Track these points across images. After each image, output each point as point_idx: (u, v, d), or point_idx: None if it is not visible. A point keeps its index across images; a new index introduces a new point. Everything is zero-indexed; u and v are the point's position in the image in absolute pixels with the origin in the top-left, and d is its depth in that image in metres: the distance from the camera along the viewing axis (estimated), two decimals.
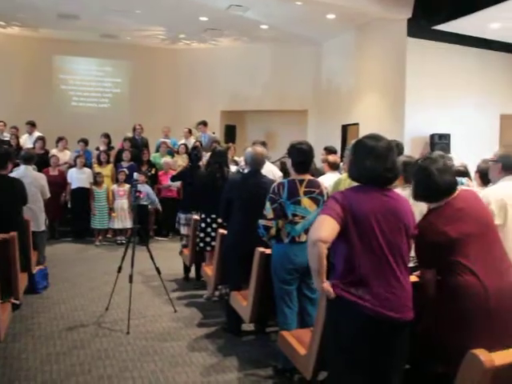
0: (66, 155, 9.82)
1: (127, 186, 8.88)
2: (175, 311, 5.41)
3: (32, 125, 10.33)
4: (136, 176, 5.71)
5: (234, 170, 6.88)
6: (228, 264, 4.79)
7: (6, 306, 4.28)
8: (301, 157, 3.87)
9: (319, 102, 13.54)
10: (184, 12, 11.12)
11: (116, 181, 9.19)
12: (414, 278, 3.00)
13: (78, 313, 5.36)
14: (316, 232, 2.51)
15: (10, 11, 11.29)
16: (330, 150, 6.71)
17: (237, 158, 8.99)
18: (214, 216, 5.64)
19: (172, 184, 8.30)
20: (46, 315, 5.24)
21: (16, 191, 5.43)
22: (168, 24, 12.50)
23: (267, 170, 5.52)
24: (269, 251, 4.01)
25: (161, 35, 13.54)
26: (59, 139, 9.89)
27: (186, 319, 5.25)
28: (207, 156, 6.60)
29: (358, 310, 2.55)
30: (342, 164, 6.13)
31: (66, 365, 4.06)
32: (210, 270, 5.50)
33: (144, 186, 8.96)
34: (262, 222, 3.81)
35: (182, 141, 10.76)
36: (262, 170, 4.78)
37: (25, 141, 10.13)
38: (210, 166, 5.78)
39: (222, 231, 5.05)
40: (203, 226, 5.73)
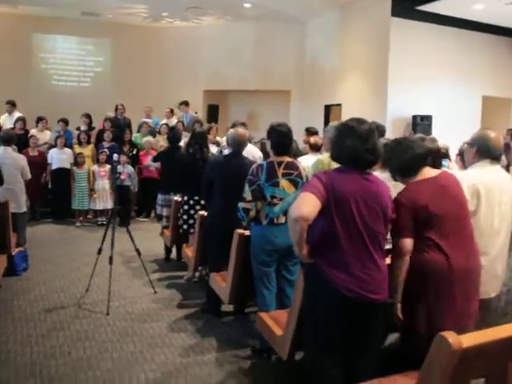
0: (46, 135, 9.71)
1: (108, 167, 8.83)
2: (155, 292, 5.43)
3: (12, 104, 10.14)
4: (116, 157, 5.65)
5: (215, 151, 6.85)
6: (208, 246, 4.80)
7: None
8: (280, 139, 3.88)
9: (302, 81, 13.49)
10: None
11: (97, 161, 9.11)
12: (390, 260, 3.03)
13: (57, 294, 5.35)
14: (298, 209, 2.53)
15: None
16: (311, 132, 6.70)
17: (218, 139, 8.95)
18: (196, 198, 5.63)
19: (151, 164, 8.28)
20: (26, 297, 5.23)
21: None
22: (150, 2, 12.31)
23: (247, 151, 5.51)
24: (248, 233, 4.03)
25: (143, 13, 13.34)
26: (39, 119, 9.75)
27: (165, 300, 5.26)
28: (189, 136, 6.56)
29: (336, 288, 2.59)
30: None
31: (45, 347, 4.06)
32: (190, 252, 5.52)
33: (126, 167, 8.92)
34: (242, 204, 3.83)
35: (164, 121, 10.69)
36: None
37: (4, 121, 9.96)
38: (191, 147, 5.75)
39: (201, 213, 5.06)
40: (186, 208, 5.72)
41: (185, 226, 5.72)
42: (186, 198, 5.74)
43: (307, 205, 2.54)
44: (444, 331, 2.05)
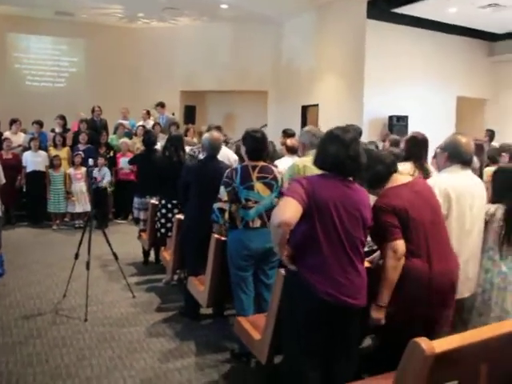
0: (20, 138, 9.57)
1: (84, 169, 8.75)
2: (133, 296, 5.41)
3: None
4: (91, 162, 5.61)
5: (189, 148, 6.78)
6: (185, 249, 4.81)
7: None
8: (254, 144, 3.91)
9: (279, 82, 13.52)
10: None
11: (72, 164, 9.01)
12: (368, 264, 3.07)
13: (34, 300, 5.29)
14: (280, 214, 2.55)
15: None
16: (288, 134, 6.70)
17: (194, 140, 8.90)
18: (174, 201, 5.62)
19: (124, 167, 8.26)
20: (2, 303, 5.17)
21: None
22: (126, 2, 12.24)
23: (222, 154, 5.52)
24: (224, 238, 4.04)
25: (119, 13, 13.25)
26: (13, 121, 9.61)
27: (144, 304, 5.25)
28: (165, 138, 6.53)
29: (315, 292, 2.62)
30: None
31: (22, 355, 4.02)
32: (168, 255, 5.51)
33: (104, 169, 8.86)
34: (217, 205, 3.85)
35: (141, 122, 10.63)
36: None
37: None
38: (167, 151, 5.74)
39: (179, 216, 5.05)
40: (164, 211, 5.70)
41: (162, 230, 5.70)
42: (163, 201, 5.71)
43: (289, 210, 2.55)
44: (419, 336, 2.08)
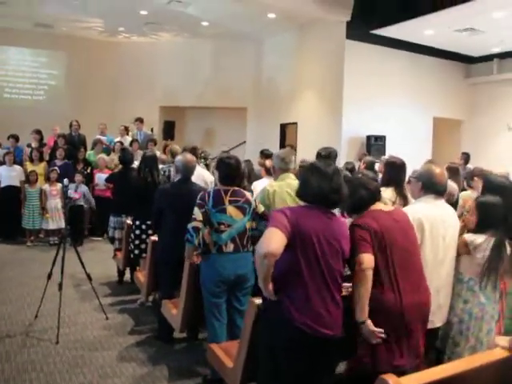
0: None
1: (60, 185, 8.64)
2: (107, 318, 5.33)
3: None
4: (66, 182, 5.54)
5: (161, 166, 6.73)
6: (159, 273, 4.77)
7: None
8: (228, 171, 3.94)
9: (259, 99, 13.61)
10: (124, 5, 10.93)
11: (48, 179, 8.90)
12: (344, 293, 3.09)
13: (4, 321, 5.18)
14: (266, 245, 2.57)
15: None
16: (265, 154, 6.71)
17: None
18: (149, 222, 5.56)
19: (99, 183, 8.19)
20: None
21: None
22: (107, 16, 12.23)
23: (198, 175, 5.52)
24: (196, 262, 4.02)
25: (99, 27, 13.23)
26: None
27: (117, 326, 5.18)
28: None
29: (295, 323, 2.65)
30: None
31: None
32: (142, 276, 5.45)
33: (81, 187, 8.78)
34: (192, 224, 3.79)
35: (118, 138, 10.56)
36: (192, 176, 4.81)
37: None
38: (141, 171, 5.71)
39: (153, 238, 5.01)
40: (138, 232, 5.64)
41: (136, 251, 5.64)
42: (137, 222, 5.66)
43: (275, 240, 2.59)
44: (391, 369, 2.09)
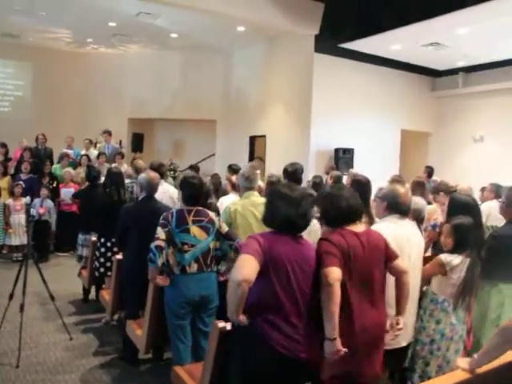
0: None
1: (24, 200, 8.43)
2: (71, 338, 5.20)
3: None
4: (27, 200, 5.45)
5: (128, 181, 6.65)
6: (124, 292, 4.68)
7: None
8: (191, 191, 3.90)
9: (228, 112, 13.61)
10: (92, 16, 10.85)
11: (12, 194, 8.69)
12: None
13: None
14: (240, 272, 2.57)
15: None
16: (233, 169, 6.67)
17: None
18: (114, 240, 5.48)
19: (65, 198, 8.07)
20: None
21: None
22: (75, 27, 12.14)
23: (165, 191, 5.47)
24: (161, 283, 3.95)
25: (67, 38, 13.10)
26: None
27: (81, 347, 5.06)
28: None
29: (272, 347, 2.66)
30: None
31: None
32: (107, 295, 5.35)
33: (47, 201, 8.61)
34: (155, 243, 3.68)
35: (83, 152, 10.41)
36: (158, 192, 4.81)
37: None
38: (107, 188, 5.63)
39: (118, 257, 4.92)
40: (103, 250, 5.56)
41: (101, 269, 5.55)
42: (102, 239, 5.57)
43: (248, 267, 2.59)
44: None
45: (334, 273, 2.71)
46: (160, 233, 3.74)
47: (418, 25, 8.64)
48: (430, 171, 8.99)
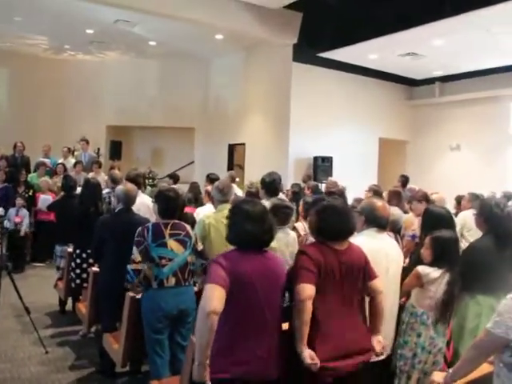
0: None
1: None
2: (46, 352, 5.10)
3: None
4: (1, 211, 5.37)
5: (105, 191, 6.59)
6: (100, 305, 4.62)
7: None
8: (167, 204, 3.89)
9: (207, 119, 13.60)
10: (69, 23, 10.77)
11: None
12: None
13: None
14: (208, 304, 2.54)
15: None
16: (211, 179, 6.65)
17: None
18: (89, 251, 5.41)
19: (42, 207, 8.00)
20: None
21: None
22: (51, 34, 12.02)
23: (143, 202, 5.43)
24: (139, 296, 3.92)
25: (44, 44, 12.95)
26: None
27: (57, 361, 4.97)
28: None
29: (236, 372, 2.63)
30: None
31: None
32: (83, 307, 5.27)
33: (22, 210, 8.48)
34: (131, 266, 3.73)
35: (61, 160, 10.29)
36: (136, 203, 4.75)
37: None
38: (84, 198, 5.57)
39: (94, 269, 4.86)
40: (79, 261, 5.50)
41: (77, 281, 5.49)
42: (78, 250, 5.51)
43: (215, 297, 2.56)
44: None
45: (307, 291, 2.73)
46: (136, 254, 3.75)
47: (395, 35, 8.76)
48: (404, 180, 9.05)
